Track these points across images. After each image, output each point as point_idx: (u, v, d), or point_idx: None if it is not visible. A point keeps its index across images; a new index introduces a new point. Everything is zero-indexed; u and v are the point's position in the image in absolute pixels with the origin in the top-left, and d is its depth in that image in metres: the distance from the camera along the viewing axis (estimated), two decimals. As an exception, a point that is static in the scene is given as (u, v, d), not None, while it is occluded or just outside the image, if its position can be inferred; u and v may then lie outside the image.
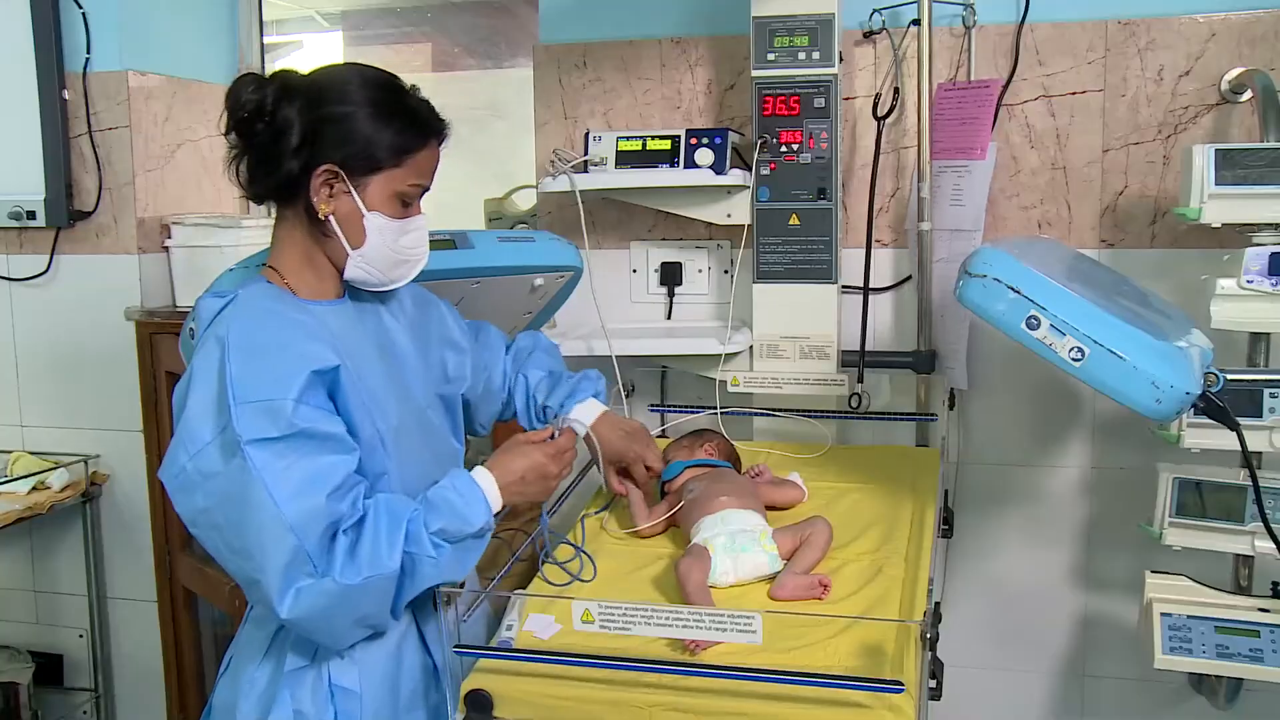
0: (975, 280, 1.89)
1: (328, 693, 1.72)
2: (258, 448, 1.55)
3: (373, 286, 1.81)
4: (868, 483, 2.40)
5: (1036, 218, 2.73)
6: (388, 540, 1.62)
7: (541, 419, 2.17)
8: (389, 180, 1.73)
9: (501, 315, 2.54)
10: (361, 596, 1.60)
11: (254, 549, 1.55)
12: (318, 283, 1.78)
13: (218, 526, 1.58)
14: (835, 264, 2.71)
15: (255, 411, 1.57)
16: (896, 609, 1.83)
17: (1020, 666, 2.90)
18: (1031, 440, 2.81)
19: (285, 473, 1.56)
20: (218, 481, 1.57)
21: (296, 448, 1.58)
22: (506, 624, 1.82)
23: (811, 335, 2.75)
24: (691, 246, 2.97)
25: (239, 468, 1.55)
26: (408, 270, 1.81)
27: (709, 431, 2.47)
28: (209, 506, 1.58)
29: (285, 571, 1.55)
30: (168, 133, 3.25)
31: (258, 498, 1.55)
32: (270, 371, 1.60)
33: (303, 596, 1.56)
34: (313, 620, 1.58)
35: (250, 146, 1.73)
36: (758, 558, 1.93)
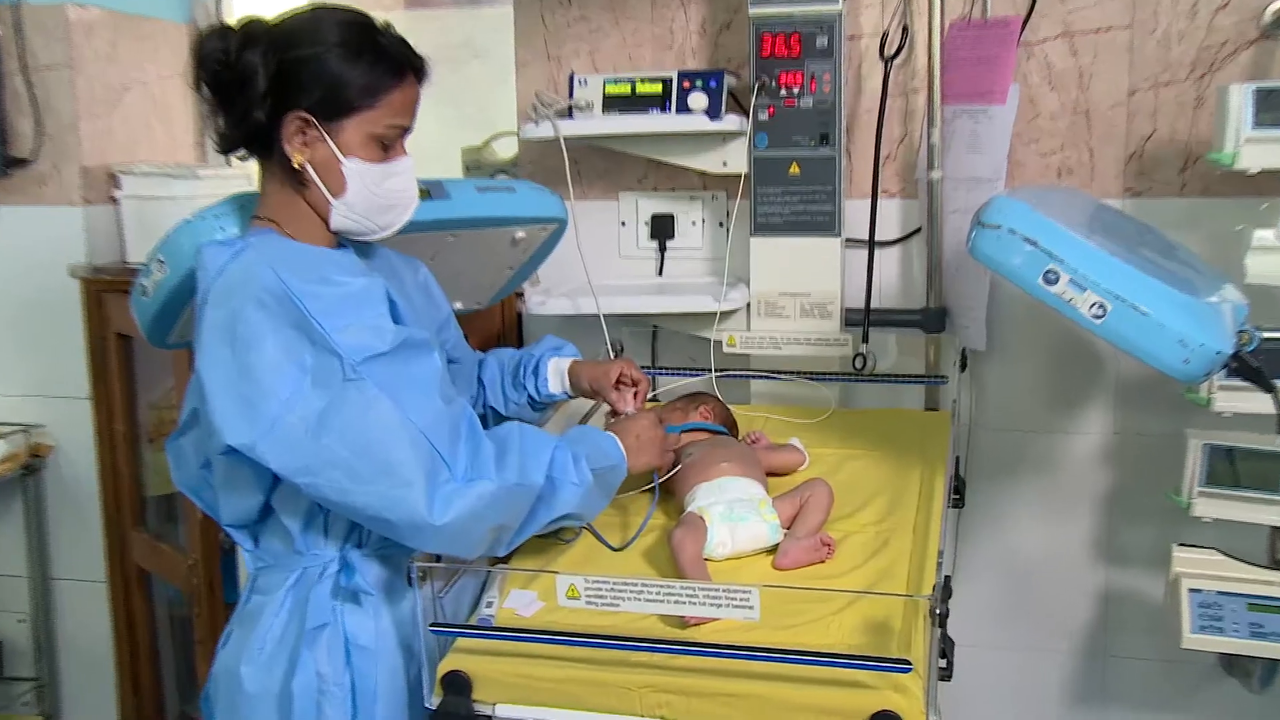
0: (989, 231, 1.90)
1: (344, 652, 1.79)
2: (372, 365, 1.64)
3: (363, 235, 1.85)
4: (873, 449, 2.41)
5: (1056, 165, 2.74)
6: (534, 456, 1.74)
7: (518, 385, 2.22)
8: (364, 123, 1.75)
9: (480, 271, 2.54)
10: (508, 502, 1.71)
11: (394, 464, 1.62)
12: (313, 234, 1.81)
13: (338, 463, 1.62)
14: (838, 215, 2.71)
15: (357, 332, 1.65)
16: (904, 583, 1.85)
17: (1037, 646, 2.92)
18: (1049, 404, 2.83)
19: (403, 383, 1.65)
20: (331, 415, 1.62)
21: (404, 357, 1.68)
22: (486, 600, 1.84)
23: (813, 292, 2.76)
24: (684, 197, 2.98)
25: (356, 390, 1.62)
26: (397, 216, 1.85)
27: (704, 394, 2.48)
28: (325, 444, 1.62)
29: (430, 477, 1.63)
30: (113, 73, 3.22)
31: (384, 414, 1.62)
32: (350, 297, 1.68)
33: (455, 500, 1.64)
34: (462, 523, 1.65)
35: (219, 98, 1.76)
36: (757, 528, 1.94)
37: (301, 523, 1.80)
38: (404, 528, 1.65)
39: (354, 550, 1.83)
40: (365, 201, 1.79)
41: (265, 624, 1.81)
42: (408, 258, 2.08)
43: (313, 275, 1.69)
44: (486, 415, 2.29)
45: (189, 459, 1.90)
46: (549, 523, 1.81)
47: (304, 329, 1.64)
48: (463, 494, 1.65)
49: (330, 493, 1.64)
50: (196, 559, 2.88)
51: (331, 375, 1.63)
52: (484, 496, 1.67)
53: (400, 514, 1.63)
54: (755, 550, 1.96)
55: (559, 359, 2.25)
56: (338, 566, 1.82)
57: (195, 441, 1.87)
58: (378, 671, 1.80)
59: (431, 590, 1.74)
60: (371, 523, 1.69)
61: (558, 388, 2.23)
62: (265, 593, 1.84)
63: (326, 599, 1.80)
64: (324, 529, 1.81)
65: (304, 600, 1.80)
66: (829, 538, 1.92)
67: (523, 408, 2.26)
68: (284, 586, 1.82)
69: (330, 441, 1.62)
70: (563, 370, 2.23)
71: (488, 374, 2.27)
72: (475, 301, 2.65)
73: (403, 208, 1.85)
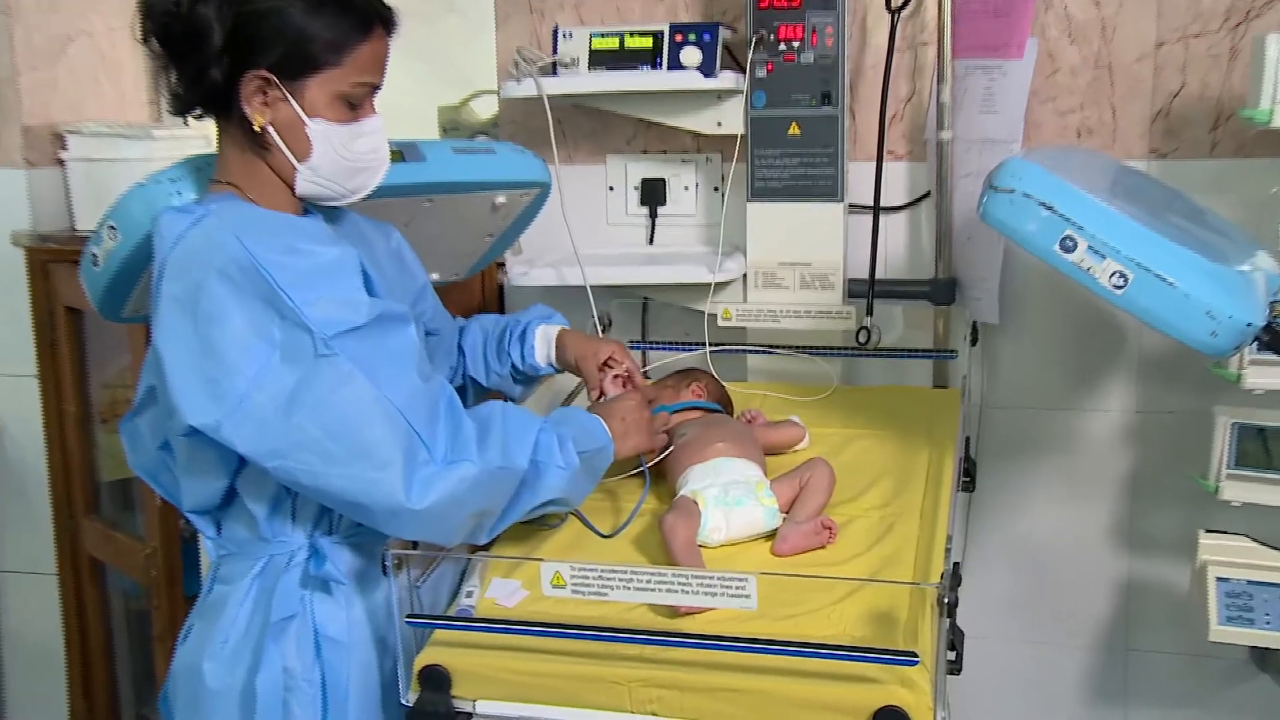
0: (1002, 196, 1.90)
1: (314, 645, 1.80)
2: (346, 339, 1.65)
3: (330, 201, 1.85)
4: (878, 429, 2.43)
5: (1075, 125, 2.74)
6: (518, 438, 1.77)
7: (502, 353, 2.24)
8: (329, 81, 1.75)
9: (458, 239, 2.55)
10: (490, 486, 1.74)
11: (370, 445, 1.64)
12: (277, 200, 1.81)
13: (309, 444, 1.64)
14: (841, 179, 2.72)
15: (330, 305, 1.66)
16: (910, 571, 1.86)
17: (1052, 639, 2.94)
18: (1066, 380, 2.84)
19: (378, 358, 1.67)
20: (302, 393, 1.63)
21: (380, 331, 1.70)
22: (466, 590, 1.85)
23: (814, 261, 2.77)
24: (676, 160, 2.98)
25: (328, 367, 1.64)
26: (367, 180, 1.86)
27: (696, 371, 2.48)
28: (296, 424, 1.63)
29: (407, 459, 1.65)
30: (55, 23, 3.19)
31: (359, 392, 1.64)
32: (321, 268, 1.69)
33: (434, 483, 1.66)
34: (442, 508, 1.67)
35: (170, 55, 1.76)
36: (753, 512, 1.96)
37: (268, 507, 1.81)
38: (380, 513, 1.66)
39: (324, 537, 1.84)
40: (332, 165, 1.79)
41: (229, 616, 1.82)
42: (379, 224, 2.08)
43: (280, 244, 1.69)
44: (465, 386, 2.31)
45: (145, 441, 1.90)
46: (533, 508, 1.83)
47: (272, 302, 1.64)
48: (442, 477, 1.67)
49: (301, 476, 1.66)
50: (154, 548, 2.89)
51: (302, 351, 1.64)
52: (465, 480, 1.68)
53: (376, 498, 1.65)
54: (752, 536, 1.97)
55: (548, 326, 2.27)
56: (306, 554, 1.83)
57: (152, 422, 1.87)
58: (349, 666, 1.82)
59: (408, 579, 1.75)
60: (345, 507, 1.71)
61: (544, 358, 2.24)
62: (228, 583, 1.85)
63: (294, 589, 1.82)
64: (292, 514, 1.82)
65: (270, 590, 1.81)
66: (830, 522, 1.93)
67: (504, 379, 2.27)
68: (249, 576, 1.83)
69: (301, 421, 1.63)
70: (551, 339, 2.25)
71: (469, 340, 2.29)
72: (453, 272, 2.66)
73: (373, 171, 1.86)
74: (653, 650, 1.66)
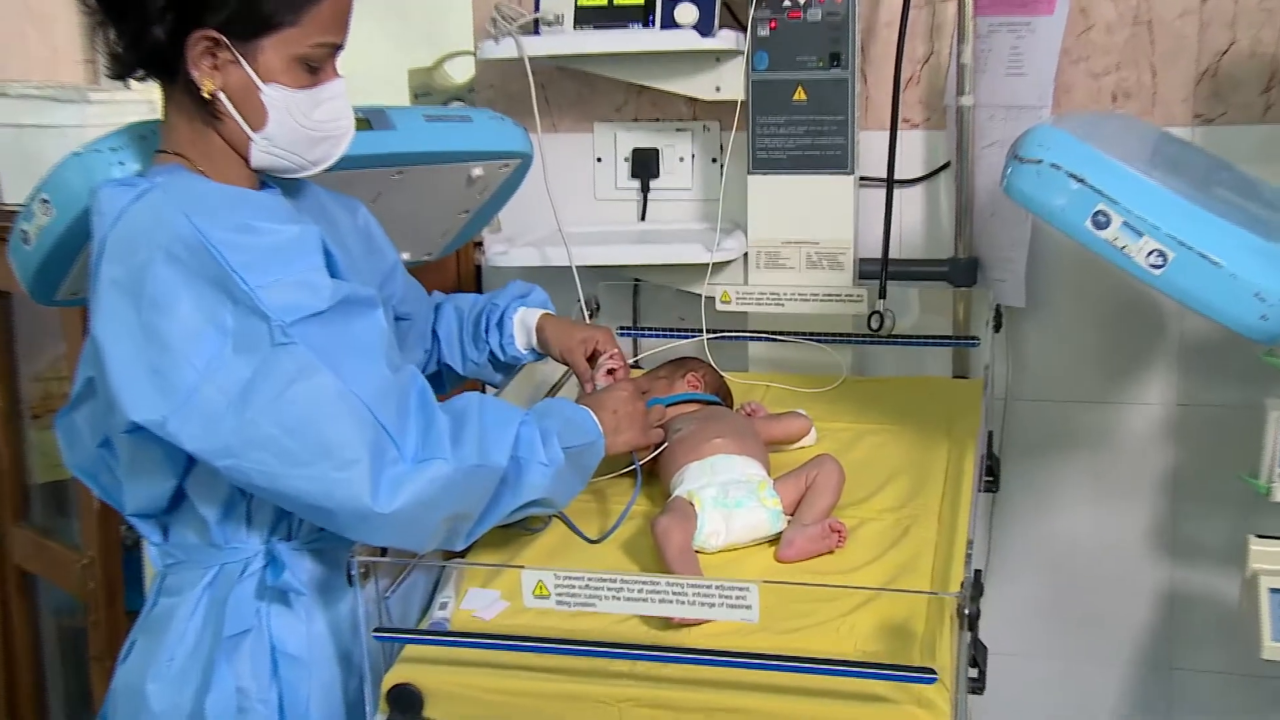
0: (1028, 167, 1.90)
1: (270, 663, 1.79)
2: (306, 326, 1.64)
3: (291, 173, 1.84)
4: (892, 423, 2.43)
5: (1110, 88, 2.74)
6: (496, 434, 1.76)
7: (479, 341, 2.25)
8: (285, 42, 1.73)
9: (431, 215, 2.54)
10: (466, 486, 1.73)
11: (333, 443, 1.62)
12: (230, 172, 1.80)
13: (266, 442, 1.62)
14: (852, 150, 2.72)
15: (288, 289, 1.65)
16: (928, 579, 1.86)
17: (1086, 656, 2.95)
18: (1099, 370, 2.85)
19: (342, 346, 1.66)
20: (257, 386, 1.62)
21: (344, 317, 1.69)
22: (439, 601, 1.84)
23: (821, 240, 2.77)
24: (670, 129, 2.98)
25: (286, 356, 1.62)
26: (329, 150, 1.84)
27: (692, 360, 2.49)
28: (251, 420, 1.62)
29: (375, 458, 1.64)
30: (-30, -32, 3.18)
31: (320, 384, 1.63)
32: (279, 248, 1.68)
33: (404, 483, 1.65)
34: (413, 510, 1.66)
35: (106, 10, 1.74)
36: (755, 515, 1.95)
37: (220, 511, 1.80)
38: (344, 516, 1.66)
39: (282, 543, 1.83)
40: (291, 134, 1.78)
41: (175, 631, 1.81)
42: (344, 198, 2.07)
43: (233, 221, 1.68)
44: (441, 374, 2.30)
45: (83, 437, 1.89)
46: (514, 510, 1.82)
47: (224, 285, 1.63)
48: (413, 477, 1.66)
49: (256, 477, 1.65)
50: (92, 557, 2.88)
51: (257, 339, 1.63)
52: (438, 480, 1.68)
53: (340, 500, 1.64)
54: (754, 540, 1.97)
55: (526, 309, 2.26)
56: (263, 562, 1.82)
57: (91, 417, 1.85)
58: (310, 685, 1.81)
59: (375, 589, 1.75)
60: (305, 511, 1.70)
61: (524, 345, 2.25)
62: (175, 594, 1.84)
63: (249, 600, 1.80)
64: (246, 518, 1.81)
65: (222, 602, 1.80)
66: (840, 525, 1.93)
67: (483, 368, 2.27)
68: (198, 586, 1.82)
69: (256, 416, 1.62)
70: (530, 325, 2.25)
71: (444, 325, 2.28)
72: (425, 251, 2.66)
73: (336, 140, 1.84)
74: (645, 666, 1.66)
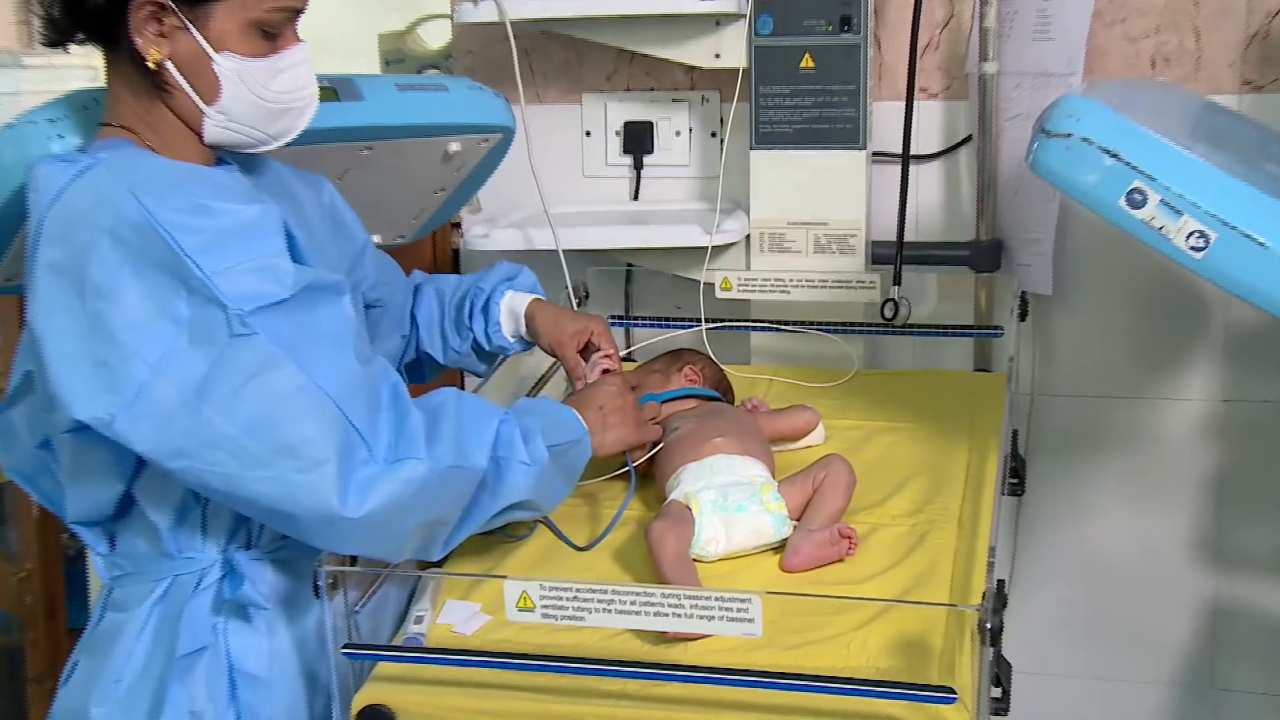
0: (1056, 141, 1.90)
1: (228, 683, 1.79)
2: (267, 316, 1.63)
3: (248, 148, 1.83)
4: (907, 420, 2.43)
5: (1149, 53, 2.74)
6: (474, 431, 1.77)
7: (462, 327, 2.25)
8: (239, 6, 1.72)
9: (404, 194, 2.54)
10: (442, 489, 1.73)
11: (298, 442, 1.62)
12: (182, 147, 1.79)
13: (224, 441, 1.62)
14: (864, 122, 2.72)
15: (247, 275, 1.64)
16: (946, 590, 1.86)
17: (1121, 674, 2.95)
18: (1135, 363, 2.85)
19: (308, 338, 1.66)
20: (214, 381, 1.62)
21: (308, 305, 1.68)
22: (415, 614, 1.84)
23: (830, 220, 2.77)
24: (666, 100, 2.98)
25: (246, 349, 1.62)
26: (290, 123, 1.83)
27: (690, 352, 2.49)
28: (207, 418, 1.62)
29: (343, 458, 1.64)
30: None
31: (283, 377, 1.63)
32: (236, 230, 1.67)
33: (375, 485, 1.65)
34: (385, 515, 1.66)
35: None
36: (758, 520, 1.95)
37: (172, 517, 1.80)
38: (310, 522, 1.65)
39: (241, 552, 1.83)
40: (247, 107, 1.77)
41: (123, 650, 1.80)
42: (309, 175, 2.07)
43: (186, 201, 1.67)
44: (421, 362, 2.31)
45: (21, 437, 1.87)
46: (495, 515, 1.83)
47: (176, 272, 1.62)
48: (385, 478, 1.66)
49: (213, 480, 1.64)
50: (30, 569, 2.88)
51: (214, 330, 1.62)
52: (412, 481, 1.68)
53: (305, 505, 1.64)
54: (756, 548, 1.97)
55: (515, 293, 2.27)
56: (220, 573, 1.82)
57: (29, 415, 1.84)
58: (272, 707, 1.81)
59: (344, 602, 1.74)
60: (267, 516, 1.70)
61: (511, 333, 2.25)
62: (123, 609, 1.83)
63: (205, 616, 1.80)
64: (202, 525, 1.81)
65: (175, 618, 1.80)
66: (850, 531, 1.93)
67: (466, 356, 2.28)
68: (148, 600, 1.81)
69: (213, 415, 1.62)
70: (518, 312, 2.25)
71: (423, 310, 2.29)
72: (397, 234, 2.66)
73: (298, 112, 1.83)
74: (638, 685, 1.66)
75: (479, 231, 2.82)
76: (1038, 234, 2.74)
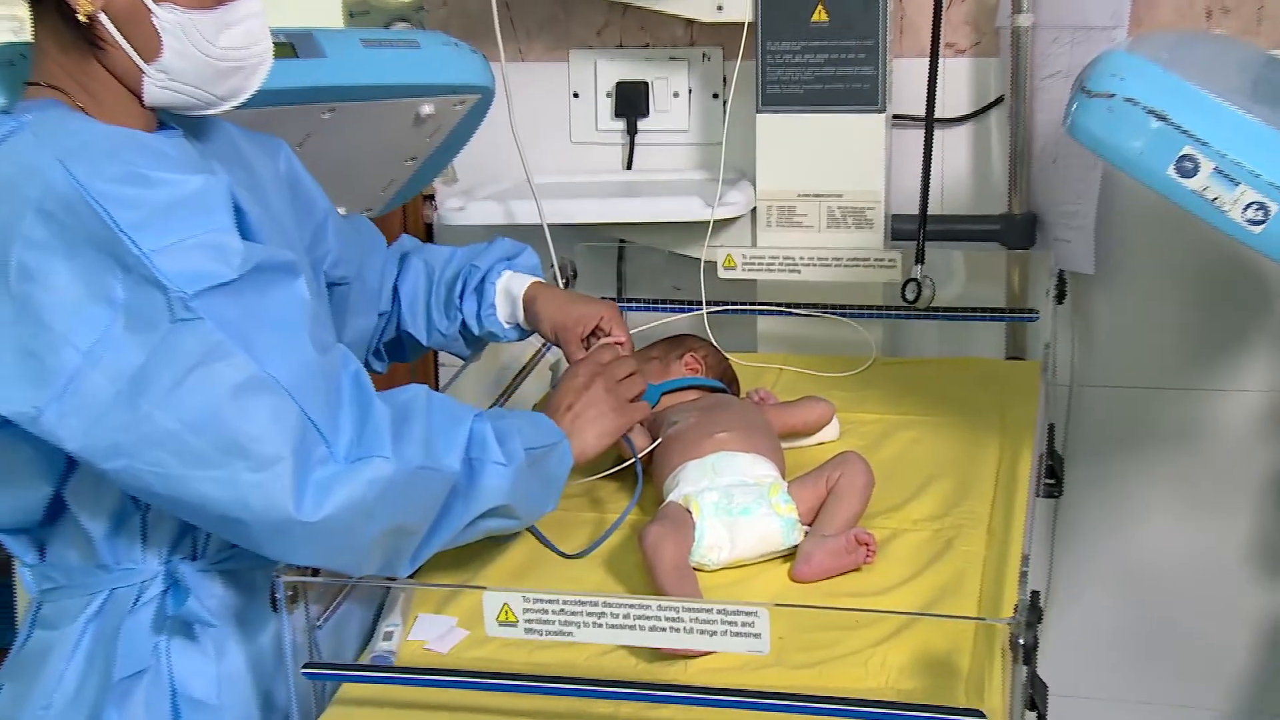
0: (1098, 102, 1.90)
1: (171, 709, 1.79)
2: (213, 298, 1.62)
3: (195, 111, 1.82)
4: (932, 414, 2.44)
5: (1204, 2, 2.75)
6: (445, 430, 1.78)
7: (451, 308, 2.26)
8: None
9: (371, 162, 2.54)
10: (410, 492, 1.73)
11: (247, 439, 1.61)
12: (119, 110, 1.77)
13: (164, 438, 1.61)
14: (883, 82, 2.73)
15: (190, 253, 1.62)
16: (975, 602, 1.87)
17: (1170, 699, 2.96)
18: (1186, 350, 2.86)
19: (259, 323, 1.65)
20: (153, 371, 1.60)
21: (259, 287, 1.67)
22: (384, 630, 1.85)
23: (846, 192, 2.78)
24: (662, 57, 2.99)
25: (189, 335, 1.61)
26: (242, 83, 1.82)
27: (690, 339, 2.50)
28: (146, 412, 1.61)
29: (299, 456, 1.63)
30: None
31: (231, 367, 1.62)
32: (179, 203, 1.66)
33: (335, 487, 1.65)
34: (346, 519, 1.66)
35: None
36: (766, 524, 1.96)
37: (107, 524, 1.79)
38: (262, 528, 1.65)
39: (186, 563, 1.82)
40: (192, 65, 1.75)
41: (52, 672, 1.80)
42: (264, 138, 2.06)
43: (121, 170, 1.65)
44: (401, 341, 2.32)
45: None
46: (469, 524, 1.83)
47: (111, 250, 1.61)
48: (346, 478, 1.66)
49: (153, 482, 1.63)
50: (-54, 583, 2.89)
51: (153, 315, 1.61)
52: (376, 482, 1.67)
53: (257, 508, 1.63)
54: (764, 555, 1.98)
55: (513, 274, 2.27)
56: (162, 586, 1.81)
57: None
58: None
59: (305, 617, 1.74)
60: (213, 523, 1.69)
61: (507, 318, 2.26)
62: (54, 627, 1.83)
63: (145, 634, 1.79)
64: (141, 533, 1.80)
65: (111, 636, 1.79)
66: (868, 537, 1.94)
67: (452, 341, 2.29)
68: (81, 617, 1.81)
69: (152, 409, 1.61)
70: (516, 294, 2.25)
71: (408, 284, 2.29)
72: (363, 206, 2.65)
73: (250, 71, 1.81)
74: (632, 708, 1.67)
75: (454, 204, 2.82)
76: (1077, 206, 2.74)
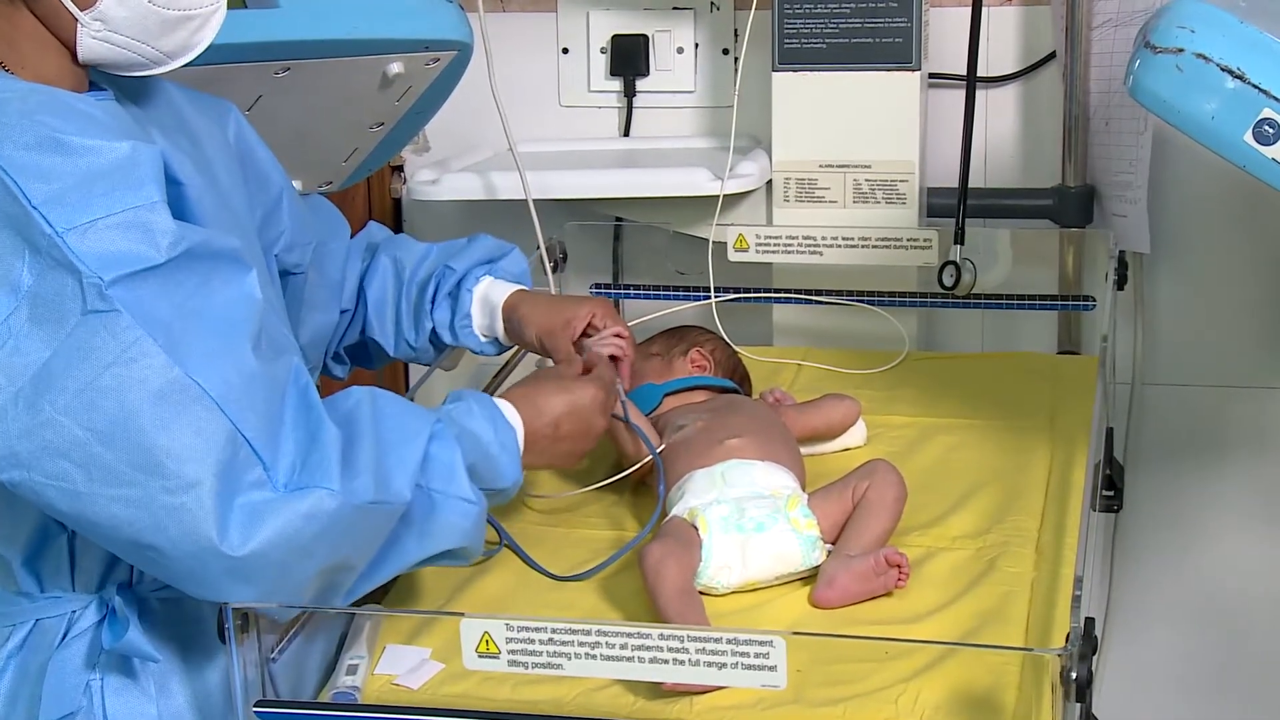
0: (1164, 59, 1.91)
1: None
2: (135, 286, 1.59)
3: (135, 69, 1.81)
4: (972, 417, 2.45)
5: (1276, -52, 2.76)
6: (397, 450, 1.73)
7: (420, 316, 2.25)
8: None
9: (330, 128, 2.55)
10: (354, 529, 1.69)
11: (164, 454, 1.58)
12: (44, 65, 1.75)
13: (68, 448, 1.59)
14: (917, 36, 2.73)
15: (110, 232, 1.59)
16: (1021, 631, 1.88)
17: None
18: (1263, 343, 2.87)
19: (189, 319, 1.62)
20: (60, 369, 1.58)
21: (192, 273, 1.64)
22: (347, 663, 1.85)
23: (874, 162, 2.78)
24: (665, 6, 3.00)
25: (102, 329, 1.58)
26: (191, 35, 1.80)
27: (696, 330, 2.51)
28: (49, 417, 1.59)
29: (225, 477, 1.59)
30: None
31: (150, 369, 1.58)
32: (101, 174, 1.63)
33: (265, 517, 1.61)
34: (276, 556, 1.62)
35: None
36: (783, 542, 1.96)
37: (26, 546, 1.78)
38: (178, 559, 1.62)
39: (123, 591, 1.81)
40: (134, 15, 1.73)
41: None
42: (211, 100, 2.06)
43: (36, 135, 1.63)
44: (366, 347, 2.31)
45: None
46: (418, 562, 1.81)
47: (20, 227, 1.59)
48: (279, 508, 1.62)
49: (55, 497, 1.61)
50: None
51: (63, 303, 1.59)
52: (317, 517, 1.64)
53: (173, 535, 1.60)
54: (780, 577, 1.98)
55: (494, 281, 2.26)
56: (95, 617, 1.80)
57: None
58: None
59: (258, 649, 1.72)
60: (123, 548, 1.65)
61: (483, 330, 2.25)
62: None
63: (76, 671, 1.78)
64: (69, 556, 1.79)
65: (37, 674, 1.79)
66: (900, 557, 1.94)
67: (422, 352, 2.28)
68: (2, 652, 1.81)
69: (57, 413, 1.59)
70: (495, 304, 2.24)
71: (376, 285, 2.28)
72: (323, 179, 2.66)
73: (200, 22, 1.80)
74: (630, 752, 1.68)
75: (426, 177, 2.83)
76: (1130, 175, 2.74)
